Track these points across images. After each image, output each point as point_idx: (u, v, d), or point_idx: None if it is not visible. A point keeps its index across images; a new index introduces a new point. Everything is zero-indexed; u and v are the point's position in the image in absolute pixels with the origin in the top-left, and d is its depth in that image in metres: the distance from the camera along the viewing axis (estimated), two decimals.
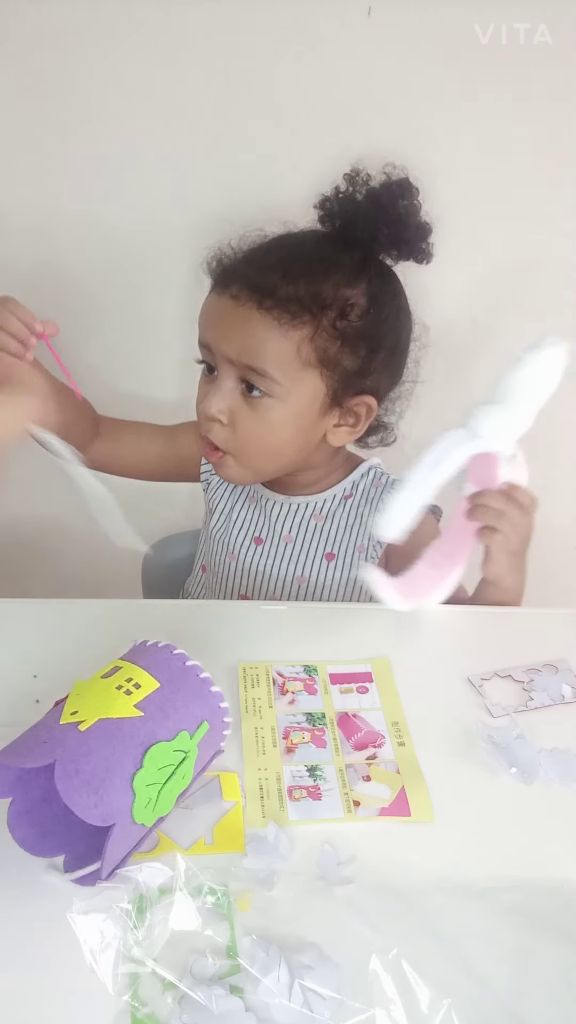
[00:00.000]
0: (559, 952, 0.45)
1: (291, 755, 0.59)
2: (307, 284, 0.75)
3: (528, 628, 0.73)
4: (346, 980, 0.43)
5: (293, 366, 0.76)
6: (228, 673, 0.65)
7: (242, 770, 0.57)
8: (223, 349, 0.77)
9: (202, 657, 0.54)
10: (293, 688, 0.65)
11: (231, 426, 0.78)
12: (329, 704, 0.63)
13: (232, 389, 0.78)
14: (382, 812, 0.54)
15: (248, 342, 0.76)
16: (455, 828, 0.53)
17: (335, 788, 0.56)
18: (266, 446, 0.80)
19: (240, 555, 0.89)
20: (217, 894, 0.46)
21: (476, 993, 0.43)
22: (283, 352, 0.76)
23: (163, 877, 0.47)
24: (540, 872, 0.50)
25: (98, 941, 0.43)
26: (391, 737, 0.60)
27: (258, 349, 0.76)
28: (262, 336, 0.75)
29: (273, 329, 0.75)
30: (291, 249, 0.78)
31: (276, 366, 0.76)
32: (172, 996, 0.42)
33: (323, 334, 0.76)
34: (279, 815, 0.54)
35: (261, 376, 0.76)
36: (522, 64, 0.84)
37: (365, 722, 0.61)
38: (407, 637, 0.71)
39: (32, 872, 0.48)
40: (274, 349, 0.76)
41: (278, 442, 0.80)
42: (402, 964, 0.43)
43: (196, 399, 0.82)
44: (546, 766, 0.57)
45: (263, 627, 0.72)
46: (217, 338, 0.77)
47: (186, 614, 0.77)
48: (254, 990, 0.42)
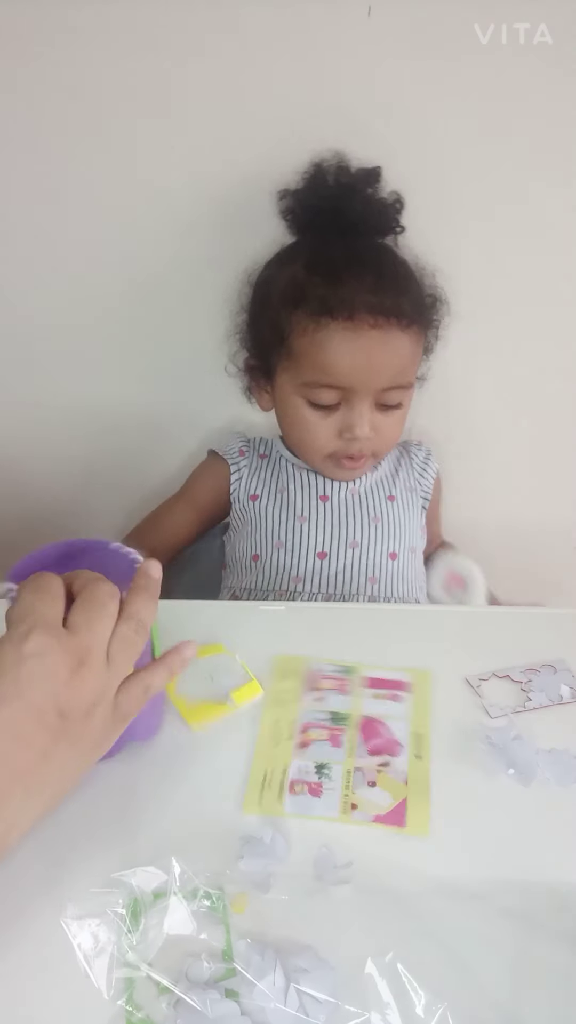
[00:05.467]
0: (556, 954, 0.45)
1: (304, 750, 0.59)
2: (411, 290, 0.82)
3: (526, 628, 0.73)
4: (342, 983, 0.42)
5: (416, 365, 0.85)
6: (265, 663, 0.67)
7: (251, 757, 0.58)
8: (374, 384, 0.81)
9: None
10: (324, 686, 0.64)
11: (374, 435, 0.84)
12: (357, 706, 0.63)
13: (371, 407, 0.83)
14: (377, 819, 0.53)
15: (398, 365, 0.81)
16: (452, 829, 0.53)
17: (337, 788, 0.55)
18: (399, 436, 0.88)
19: (311, 516, 0.92)
20: (212, 897, 0.46)
21: (472, 996, 0.43)
22: (417, 359, 0.85)
23: (157, 881, 0.47)
24: (538, 874, 0.50)
25: (92, 946, 0.43)
26: (410, 748, 0.59)
27: (406, 368, 0.83)
28: (410, 354, 0.82)
29: (415, 344, 0.83)
30: (382, 260, 0.82)
31: (413, 373, 0.84)
32: (167, 1000, 0.41)
33: (425, 327, 0.84)
34: (275, 806, 0.54)
35: (405, 389, 0.84)
36: (522, 64, 0.84)
37: (387, 729, 0.60)
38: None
39: (26, 877, 0.48)
40: (414, 361, 0.84)
41: (403, 427, 0.89)
42: (398, 967, 0.43)
43: (308, 435, 0.86)
44: (544, 767, 0.57)
45: (309, 623, 0.73)
46: (369, 375, 0.80)
47: (237, 612, 0.78)
48: (250, 994, 0.42)
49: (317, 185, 0.83)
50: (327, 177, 0.82)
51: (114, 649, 0.45)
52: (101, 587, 0.46)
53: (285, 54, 0.84)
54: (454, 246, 0.93)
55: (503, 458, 1.11)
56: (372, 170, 0.83)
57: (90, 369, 1.03)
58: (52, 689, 0.42)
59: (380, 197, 0.83)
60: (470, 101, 0.86)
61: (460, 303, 0.92)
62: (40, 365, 1.03)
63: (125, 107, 0.86)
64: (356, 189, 0.82)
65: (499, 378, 1.04)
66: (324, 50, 0.83)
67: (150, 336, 1.01)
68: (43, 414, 1.07)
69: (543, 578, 1.19)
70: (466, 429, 1.08)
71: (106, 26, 0.82)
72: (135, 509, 1.11)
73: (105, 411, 1.07)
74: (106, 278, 0.97)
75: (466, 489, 1.03)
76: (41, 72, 0.85)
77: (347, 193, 0.82)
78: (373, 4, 0.81)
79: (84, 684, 0.43)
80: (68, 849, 0.50)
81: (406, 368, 0.83)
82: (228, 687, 0.64)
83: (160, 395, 1.05)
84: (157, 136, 0.88)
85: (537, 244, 0.94)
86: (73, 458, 1.11)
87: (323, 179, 0.82)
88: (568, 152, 0.89)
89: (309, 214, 0.84)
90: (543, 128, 0.87)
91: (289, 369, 0.84)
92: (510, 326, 1.00)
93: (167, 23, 0.82)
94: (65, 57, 0.84)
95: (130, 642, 0.46)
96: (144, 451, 1.10)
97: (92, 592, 0.46)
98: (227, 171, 0.87)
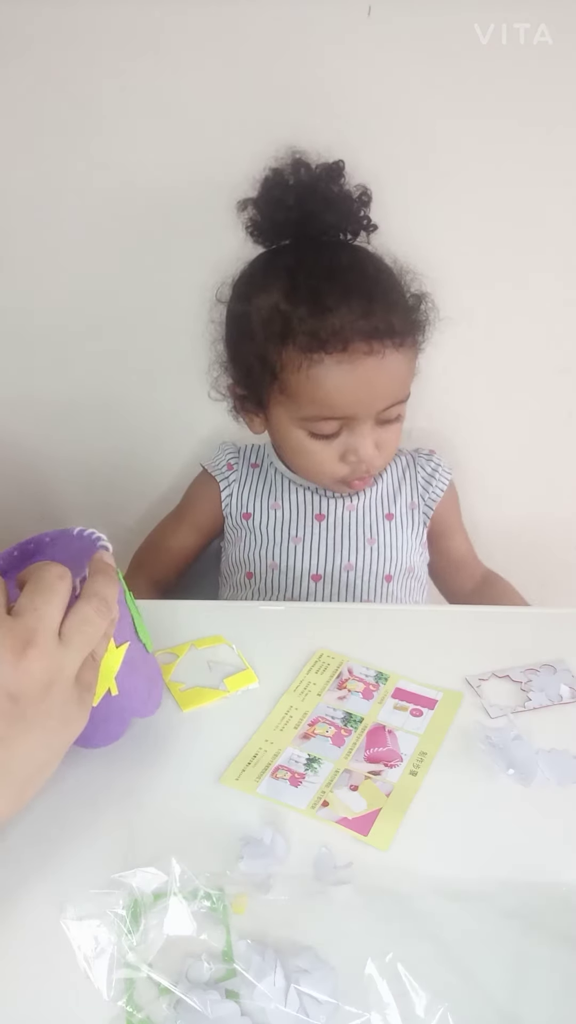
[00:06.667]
0: (557, 954, 0.45)
1: (304, 741, 0.59)
2: (399, 303, 0.79)
3: (526, 628, 0.73)
4: (342, 984, 0.42)
5: (412, 374, 0.83)
6: (304, 656, 0.68)
7: (251, 736, 0.59)
8: (375, 408, 0.79)
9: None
10: (352, 687, 0.65)
11: (377, 452, 0.82)
12: (374, 713, 0.62)
13: (372, 428, 0.81)
14: (341, 821, 0.53)
15: (397, 384, 0.80)
16: (452, 830, 0.53)
17: (318, 784, 0.55)
18: (399, 443, 0.86)
19: (305, 536, 0.91)
20: (212, 898, 0.46)
21: (473, 996, 0.43)
22: (413, 369, 0.82)
23: (157, 882, 0.46)
24: (538, 874, 0.50)
25: (92, 947, 0.43)
26: (409, 763, 0.58)
27: (405, 383, 0.81)
28: (406, 370, 0.80)
29: (411, 358, 0.81)
30: (365, 277, 0.78)
31: (410, 384, 0.82)
32: (167, 1001, 0.41)
33: (417, 335, 0.82)
34: (250, 784, 0.55)
35: (403, 402, 0.82)
36: (522, 64, 0.84)
37: (394, 740, 0.60)
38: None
39: (25, 878, 0.48)
40: (411, 372, 0.82)
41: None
42: (398, 968, 0.43)
43: (314, 464, 0.84)
44: (544, 767, 0.57)
45: (360, 624, 0.74)
46: (370, 401, 0.79)
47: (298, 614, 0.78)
48: (250, 994, 0.41)
49: (276, 188, 0.79)
50: (287, 179, 0.79)
51: (70, 628, 0.45)
52: (49, 570, 0.46)
53: (285, 54, 0.84)
54: (454, 246, 0.93)
55: (503, 458, 1.11)
56: (333, 165, 0.79)
57: (90, 369, 1.03)
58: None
59: (345, 192, 0.80)
60: (470, 101, 0.86)
61: (460, 304, 0.92)
62: (40, 365, 1.03)
63: (125, 107, 0.87)
64: (318, 187, 0.78)
65: (499, 378, 1.04)
66: (324, 50, 0.83)
67: (150, 334, 1.01)
68: (43, 414, 1.07)
69: (543, 578, 1.19)
70: (466, 429, 1.08)
71: (106, 26, 0.82)
72: (136, 509, 1.11)
73: (104, 411, 1.07)
74: (106, 278, 0.97)
75: (466, 489, 1.03)
76: (41, 72, 0.85)
77: (308, 192, 0.78)
78: (373, 4, 0.81)
79: (33, 665, 0.42)
80: (68, 850, 0.50)
81: (405, 383, 0.81)
82: (223, 675, 0.65)
83: (160, 395, 1.05)
84: (157, 136, 0.88)
85: (537, 244, 0.94)
86: (73, 458, 1.11)
87: (282, 181, 0.79)
88: (568, 152, 0.89)
89: (273, 221, 0.81)
90: (543, 128, 0.87)
91: (284, 403, 0.81)
92: (510, 326, 1.00)
93: (167, 23, 0.82)
94: (65, 57, 0.84)
95: (88, 620, 0.46)
96: (144, 451, 1.10)
97: (38, 576, 0.45)
98: (227, 171, 0.87)
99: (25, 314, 0.99)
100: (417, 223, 0.90)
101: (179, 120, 0.87)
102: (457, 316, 0.91)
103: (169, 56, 0.84)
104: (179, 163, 0.89)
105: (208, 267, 0.89)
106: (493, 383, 1.05)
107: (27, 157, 0.89)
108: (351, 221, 0.81)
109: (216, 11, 0.81)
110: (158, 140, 0.88)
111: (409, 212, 0.89)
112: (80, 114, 0.87)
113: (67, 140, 0.88)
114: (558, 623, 0.74)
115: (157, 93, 0.86)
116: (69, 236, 0.94)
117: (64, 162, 0.89)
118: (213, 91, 0.85)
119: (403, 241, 0.86)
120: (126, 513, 1.13)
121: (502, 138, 0.88)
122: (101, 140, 0.88)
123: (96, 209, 0.92)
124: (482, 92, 0.85)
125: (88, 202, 0.92)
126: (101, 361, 1.03)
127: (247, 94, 0.85)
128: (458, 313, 0.91)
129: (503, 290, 0.97)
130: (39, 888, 0.47)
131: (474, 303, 0.96)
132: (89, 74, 0.85)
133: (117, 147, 0.89)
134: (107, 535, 0.53)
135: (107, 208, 0.92)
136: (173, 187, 0.90)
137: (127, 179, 0.90)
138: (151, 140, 0.88)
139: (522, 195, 0.91)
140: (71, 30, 0.82)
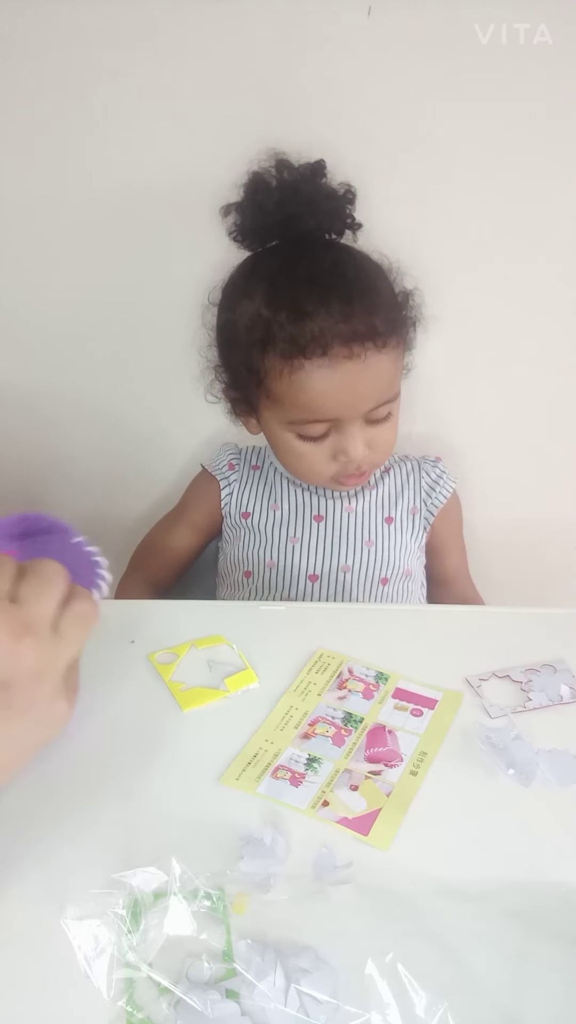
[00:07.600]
0: (557, 954, 0.45)
1: (304, 741, 0.59)
2: (381, 304, 0.77)
3: (526, 628, 0.73)
4: (342, 984, 0.42)
5: (400, 374, 0.82)
6: (304, 656, 0.68)
7: (251, 736, 0.59)
8: (361, 409, 0.79)
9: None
10: (352, 687, 0.65)
11: (369, 451, 0.81)
12: (375, 713, 0.62)
13: (361, 427, 0.80)
14: (342, 821, 0.53)
15: (381, 385, 0.78)
16: (452, 830, 0.53)
17: (318, 784, 0.55)
18: (394, 441, 0.85)
19: (303, 537, 0.91)
20: (212, 898, 0.46)
21: (473, 996, 0.43)
22: (399, 369, 0.82)
23: (158, 882, 0.46)
24: (538, 874, 0.50)
25: (92, 947, 0.43)
26: (409, 763, 0.58)
27: (391, 383, 0.80)
28: (392, 370, 0.79)
29: (396, 358, 0.80)
30: (345, 280, 0.76)
31: (397, 383, 0.81)
32: (167, 1001, 0.41)
33: (402, 334, 0.81)
34: (250, 784, 0.55)
35: (392, 402, 0.81)
36: (522, 64, 0.84)
37: (395, 739, 0.60)
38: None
39: (26, 878, 0.48)
40: (397, 372, 0.81)
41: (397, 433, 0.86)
42: (398, 968, 0.43)
43: (304, 465, 0.84)
44: (544, 767, 0.57)
45: (360, 624, 0.74)
46: (354, 404, 0.78)
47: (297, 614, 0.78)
48: (250, 994, 0.41)
49: (259, 192, 0.79)
50: (268, 181, 0.79)
51: (66, 623, 0.45)
52: (49, 564, 0.46)
53: (285, 54, 0.84)
54: (453, 246, 0.93)
55: (503, 458, 1.11)
56: (315, 164, 0.79)
57: (90, 369, 1.03)
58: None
59: (329, 190, 0.80)
60: (470, 101, 0.86)
61: (460, 304, 0.92)
62: (40, 365, 1.03)
63: (125, 108, 0.87)
64: (299, 188, 0.78)
65: (499, 378, 1.04)
66: (324, 50, 0.83)
67: (150, 335, 1.01)
68: (43, 414, 1.07)
69: (543, 578, 1.19)
70: (465, 429, 1.08)
71: (106, 26, 0.82)
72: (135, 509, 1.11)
73: (105, 412, 1.07)
74: (107, 277, 0.97)
75: (466, 489, 1.03)
76: (40, 72, 0.85)
77: (290, 194, 0.78)
78: (373, 4, 0.81)
79: (28, 653, 0.42)
80: (68, 849, 0.50)
81: (391, 383, 0.80)
82: (223, 675, 0.65)
83: (160, 396, 1.05)
84: (157, 136, 0.88)
85: (537, 244, 0.94)
86: (73, 458, 1.11)
87: (264, 184, 0.79)
88: (568, 152, 0.89)
89: (256, 225, 0.81)
90: (543, 128, 0.87)
91: (271, 408, 0.81)
92: (510, 326, 1.00)
93: (167, 23, 0.82)
94: (65, 57, 0.84)
95: (85, 618, 0.46)
96: (144, 452, 1.10)
97: (39, 567, 0.45)
98: (226, 171, 0.87)
99: (25, 314, 0.99)
100: (417, 223, 0.90)
101: (179, 120, 0.87)
102: (457, 314, 0.91)
103: (169, 56, 0.84)
104: (178, 162, 0.89)
105: (210, 265, 0.89)
106: (493, 383, 1.05)
107: (27, 157, 0.89)
108: (335, 220, 0.81)
109: (216, 11, 0.81)
110: (158, 140, 0.88)
111: (407, 211, 0.89)
112: (80, 114, 0.87)
113: (66, 140, 0.88)
114: (558, 623, 0.74)
115: (157, 93, 0.86)
116: (69, 236, 0.94)
117: (64, 162, 0.89)
118: (213, 91, 0.85)
119: (403, 241, 0.87)
120: (125, 513, 1.13)
121: (502, 138, 0.88)
122: (100, 140, 0.88)
123: (97, 209, 0.92)
124: (482, 92, 0.85)
125: (89, 202, 0.92)
126: (101, 361, 1.03)
127: (247, 94, 0.85)
128: (458, 313, 0.91)
129: (503, 290, 0.97)
130: (39, 888, 0.47)
131: (472, 304, 0.96)
132: (89, 74, 0.85)
133: (117, 147, 0.89)
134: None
135: (107, 208, 0.92)
136: (174, 187, 0.90)
137: (127, 179, 0.90)
138: (151, 140, 0.88)
139: (523, 195, 0.91)
140: (71, 30, 0.82)
